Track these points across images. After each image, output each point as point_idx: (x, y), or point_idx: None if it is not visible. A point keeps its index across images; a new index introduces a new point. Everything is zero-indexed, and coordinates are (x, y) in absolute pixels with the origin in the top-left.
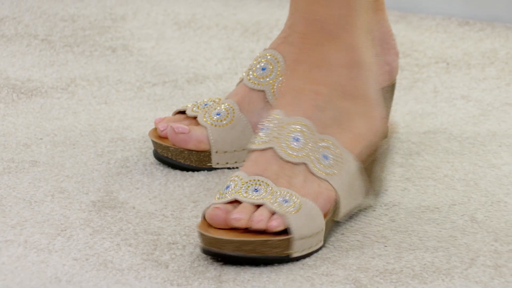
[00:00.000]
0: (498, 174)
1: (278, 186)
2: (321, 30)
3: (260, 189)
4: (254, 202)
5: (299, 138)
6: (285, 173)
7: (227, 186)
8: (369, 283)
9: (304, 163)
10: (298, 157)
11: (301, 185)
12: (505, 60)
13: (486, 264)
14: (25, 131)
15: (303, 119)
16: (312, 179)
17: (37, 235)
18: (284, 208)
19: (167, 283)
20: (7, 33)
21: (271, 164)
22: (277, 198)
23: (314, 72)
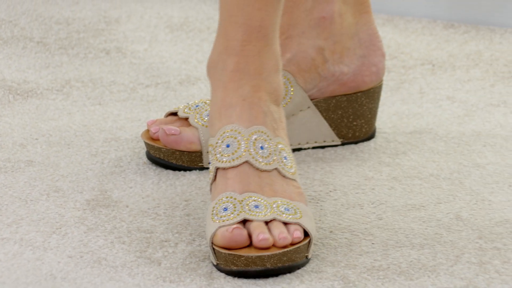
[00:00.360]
0: (482, 173)
1: (268, 196)
2: (260, 38)
3: (260, 205)
4: (265, 219)
5: (264, 146)
6: (266, 182)
7: (225, 208)
8: (357, 279)
9: (275, 168)
10: (269, 163)
11: (283, 190)
12: (489, 62)
13: (471, 261)
14: (21, 131)
15: (260, 127)
16: (287, 182)
17: (32, 233)
18: (293, 216)
19: (159, 280)
20: (3, 35)
21: (251, 177)
22: (279, 208)
23: (256, 80)
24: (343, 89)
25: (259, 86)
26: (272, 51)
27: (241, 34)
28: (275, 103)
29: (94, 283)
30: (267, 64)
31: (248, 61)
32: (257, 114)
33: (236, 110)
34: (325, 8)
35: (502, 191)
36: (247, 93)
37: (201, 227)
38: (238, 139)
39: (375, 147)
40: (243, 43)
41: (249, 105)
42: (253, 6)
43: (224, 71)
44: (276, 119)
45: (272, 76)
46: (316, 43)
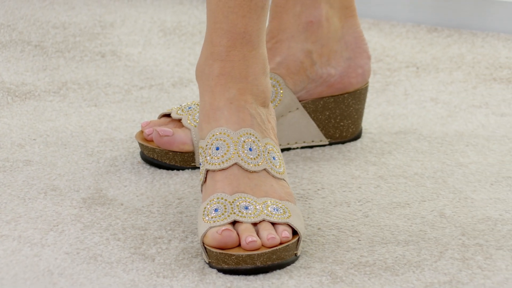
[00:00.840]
0: (465, 172)
1: (258, 197)
2: (245, 43)
3: (249, 206)
4: (254, 221)
5: (253, 147)
6: (255, 183)
7: (216, 209)
8: (344, 275)
9: (264, 169)
10: (258, 165)
11: (273, 191)
12: (472, 64)
13: (454, 257)
14: (19, 132)
15: (248, 129)
16: (276, 182)
17: (30, 230)
18: (281, 217)
19: (153, 275)
20: (2, 39)
21: (241, 178)
22: (268, 208)
23: (242, 84)
24: (330, 91)
25: (245, 89)
26: (258, 56)
27: (226, 40)
28: (262, 105)
29: (90, 278)
30: (253, 68)
31: (233, 65)
32: (245, 117)
33: (224, 113)
34: (312, 13)
35: (484, 189)
36: (233, 96)
37: (193, 224)
38: (227, 142)
39: (362, 147)
40: (228, 49)
41: (237, 108)
42: (237, 14)
43: (211, 75)
44: (264, 120)
45: (259, 79)
46: (304, 46)
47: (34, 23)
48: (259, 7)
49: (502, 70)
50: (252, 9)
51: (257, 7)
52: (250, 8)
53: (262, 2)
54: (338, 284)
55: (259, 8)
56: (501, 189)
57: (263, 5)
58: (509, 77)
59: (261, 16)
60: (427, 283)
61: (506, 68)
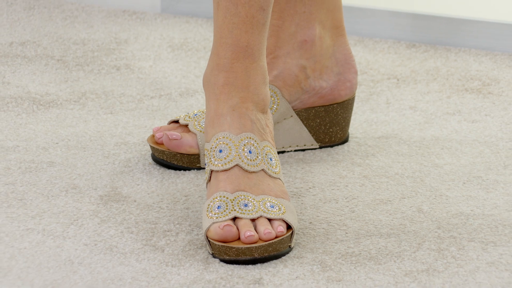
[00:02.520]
0: (440, 172)
1: (256, 195)
2: (247, 56)
3: (248, 203)
4: (252, 217)
5: (252, 150)
6: (254, 182)
7: (218, 206)
8: (333, 264)
9: (262, 169)
10: (256, 166)
11: (269, 189)
12: (446, 76)
13: (431, 248)
14: (43, 136)
15: (249, 134)
16: (273, 181)
17: (53, 224)
18: (276, 213)
19: (163, 264)
20: (28, 54)
21: (241, 178)
22: (266, 205)
23: (243, 93)
24: (321, 101)
25: (246, 98)
26: (259, 67)
27: (230, 53)
28: (262, 111)
29: (107, 267)
30: (254, 79)
31: (236, 76)
32: (246, 122)
33: (227, 119)
34: (306, 32)
35: (457, 187)
36: (236, 104)
37: (199, 219)
38: (229, 145)
39: (349, 150)
40: (232, 61)
41: (239, 114)
42: (241, 29)
43: (216, 85)
44: (263, 125)
45: (259, 89)
46: (299, 62)
47: (57, 39)
48: (260, 24)
49: (473, 82)
50: (254, 25)
51: (259, 24)
52: (253, 25)
53: (263, 19)
54: (327, 272)
55: (260, 24)
56: (472, 188)
57: (264, 22)
58: (480, 88)
59: (262, 32)
60: (407, 271)
61: (476, 79)
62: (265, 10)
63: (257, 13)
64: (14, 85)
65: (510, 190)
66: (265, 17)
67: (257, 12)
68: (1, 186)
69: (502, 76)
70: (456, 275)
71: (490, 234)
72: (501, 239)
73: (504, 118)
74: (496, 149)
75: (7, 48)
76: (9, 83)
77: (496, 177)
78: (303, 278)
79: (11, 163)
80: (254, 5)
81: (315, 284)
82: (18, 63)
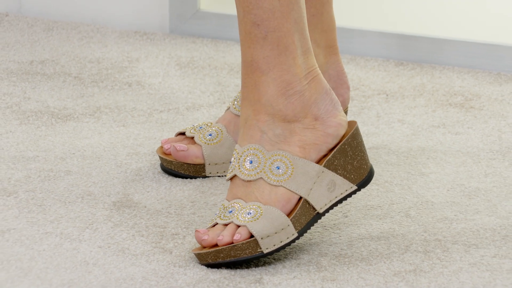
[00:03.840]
0: (426, 180)
1: (248, 202)
2: (254, 70)
3: (233, 209)
4: (224, 222)
5: (253, 160)
6: (250, 191)
7: (215, 213)
8: (328, 265)
9: (261, 178)
10: (254, 175)
11: (262, 196)
12: (431, 92)
13: (417, 250)
14: (61, 147)
15: (253, 145)
16: (270, 189)
17: (70, 228)
18: (247, 219)
19: (171, 265)
20: (47, 72)
21: (239, 187)
22: (243, 212)
23: (256, 105)
24: None
25: (259, 110)
26: (271, 80)
27: (243, 69)
28: (283, 120)
29: (119, 267)
30: (265, 91)
31: (248, 90)
32: (254, 134)
33: (241, 131)
34: None
35: (442, 194)
36: (248, 116)
37: (204, 223)
38: (235, 157)
39: None
40: (244, 77)
41: (249, 126)
42: (244, 45)
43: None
44: (279, 134)
45: (273, 100)
46: None
47: (73, 58)
48: (259, 38)
49: (456, 97)
50: (254, 40)
51: (258, 38)
52: (252, 40)
53: (261, 34)
54: (322, 272)
55: (260, 39)
56: (455, 194)
57: (264, 37)
58: (462, 103)
59: (264, 46)
60: (396, 271)
61: (459, 95)
62: (259, 26)
63: (252, 29)
64: (34, 100)
65: (490, 197)
66: (264, 31)
67: (252, 28)
68: (22, 193)
69: (483, 92)
70: (441, 275)
71: (472, 237)
72: (482, 242)
73: (484, 130)
74: (477, 159)
75: (28, 66)
76: (30, 98)
77: (478, 185)
78: (300, 277)
79: (32, 172)
80: (247, 22)
81: (311, 283)
82: (38, 80)
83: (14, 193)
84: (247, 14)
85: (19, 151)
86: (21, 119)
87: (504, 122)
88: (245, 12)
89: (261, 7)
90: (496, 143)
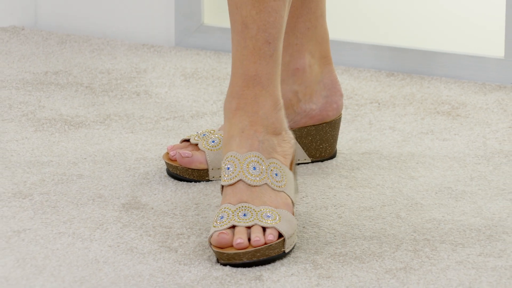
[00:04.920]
0: (415, 183)
1: (258, 206)
2: (256, 84)
3: (247, 213)
4: (247, 224)
5: (256, 167)
6: (256, 195)
7: (221, 216)
8: (323, 263)
9: (265, 183)
10: (259, 180)
11: (270, 201)
12: (420, 101)
13: (408, 249)
14: (73, 153)
15: (254, 153)
16: (275, 194)
17: (82, 228)
18: (270, 222)
19: (176, 263)
20: (61, 82)
21: (245, 191)
22: (262, 215)
23: (253, 117)
24: (312, 121)
25: (255, 122)
26: (268, 95)
27: (241, 81)
28: (273, 133)
29: (128, 265)
30: (263, 105)
31: (246, 102)
32: (253, 143)
33: (236, 140)
34: (298, 61)
35: (430, 196)
36: (245, 126)
37: (207, 224)
38: (235, 163)
39: (336, 164)
40: (243, 89)
41: (247, 136)
42: (250, 60)
43: (230, 109)
44: (272, 145)
45: (269, 114)
46: (292, 87)
47: (85, 69)
48: (267, 55)
49: (443, 105)
50: (262, 57)
51: (266, 55)
52: (260, 56)
53: (270, 51)
54: (318, 270)
55: (268, 56)
56: (443, 197)
57: (271, 54)
58: (449, 111)
59: (270, 62)
60: (387, 269)
61: (446, 104)
62: (270, 44)
63: (263, 46)
64: (48, 108)
65: (476, 199)
66: (272, 49)
67: (263, 45)
68: (37, 195)
69: (469, 101)
70: (430, 273)
71: (459, 237)
72: (468, 241)
73: (470, 137)
74: (463, 163)
75: (43, 76)
76: (44, 106)
77: (464, 188)
78: (297, 275)
79: (46, 176)
80: (260, 39)
81: (308, 280)
82: (52, 90)
83: (30, 195)
84: (262, 32)
85: (34, 156)
86: (36, 126)
87: (489, 129)
88: (259, 30)
89: (275, 27)
90: (481, 149)
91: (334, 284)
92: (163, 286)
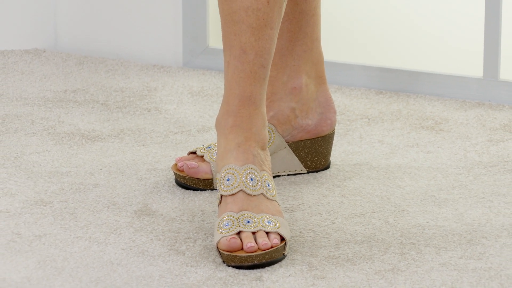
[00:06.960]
0: (402, 192)
1: (258, 213)
2: (250, 104)
3: (250, 220)
4: (253, 230)
5: (253, 178)
6: (255, 204)
7: (226, 223)
8: (318, 264)
9: (262, 193)
10: (257, 190)
11: (267, 209)
12: (407, 117)
13: (395, 252)
14: (90, 164)
15: (251, 165)
16: (270, 202)
17: (97, 233)
18: (272, 227)
19: (184, 265)
20: (78, 99)
21: (245, 200)
22: (264, 221)
23: (247, 133)
24: (308, 135)
25: (249, 137)
26: (260, 113)
27: (237, 101)
28: (262, 148)
29: (139, 267)
30: (256, 122)
31: (242, 120)
32: (248, 156)
33: (234, 153)
34: (296, 81)
35: (416, 204)
36: (241, 142)
37: (212, 229)
38: (235, 175)
39: (330, 174)
40: (238, 108)
41: (243, 150)
42: (246, 82)
43: (226, 126)
44: (263, 159)
45: (260, 130)
46: (290, 105)
47: (101, 88)
48: (261, 78)
49: (428, 121)
50: (257, 79)
51: (260, 78)
52: (255, 79)
53: (263, 74)
54: (313, 271)
55: (262, 79)
56: (427, 204)
57: (264, 77)
58: (433, 126)
59: (263, 85)
60: (376, 270)
61: (430, 119)
62: (265, 67)
63: (259, 70)
64: (67, 123)
65: (457, 206)
66: (265, 73)
67: (259, 69)
68: (56, 203)
69: (451, 117)
70: (416, 274)
71: (442, 241)
72: (450, 245)
73: (452, 149)
74: (446, 174)
75: (62, 94)
76: (64, 122)
77: (447, 196)
78: (294, 275)
79: (65, 185)
80: (256, 63)
81: (304, 281)
82: (70, 106)
83: (50, 203)
84: (259, 57)
85: (54, 167)
86: (56, 139)
87: (469, 142)
88: (256, 55)
89: (269, 53)
90: (462, 161)
91: (328, 284)
92: (171, 286)
